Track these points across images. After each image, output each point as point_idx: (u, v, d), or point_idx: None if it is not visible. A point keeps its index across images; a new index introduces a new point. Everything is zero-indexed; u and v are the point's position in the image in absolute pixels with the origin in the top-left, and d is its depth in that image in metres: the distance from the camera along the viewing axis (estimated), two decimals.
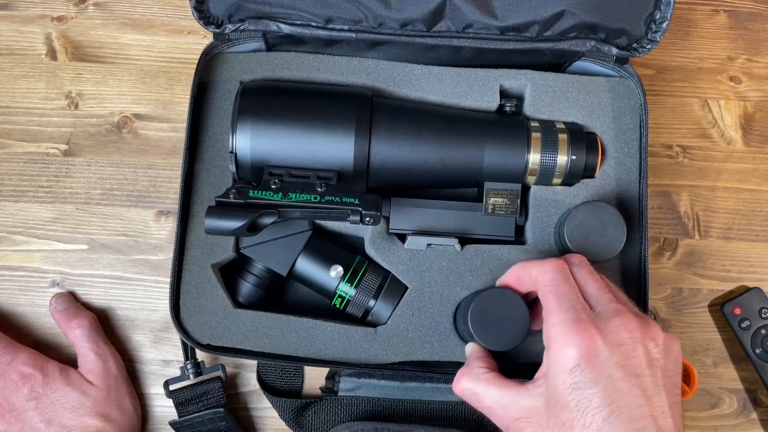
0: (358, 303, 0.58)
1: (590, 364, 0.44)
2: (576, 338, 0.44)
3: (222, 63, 0.61)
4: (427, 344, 0.58)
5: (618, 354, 0.44)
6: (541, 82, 0.61)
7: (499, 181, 0.58)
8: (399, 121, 0.57)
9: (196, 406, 0.59)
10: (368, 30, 0.58)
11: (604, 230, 0.56)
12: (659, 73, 0.71)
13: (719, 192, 0.69)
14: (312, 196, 0.53)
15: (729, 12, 0.73)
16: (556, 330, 0.46)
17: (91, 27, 0.69)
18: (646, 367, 0.44)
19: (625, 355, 0.44)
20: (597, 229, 0.56)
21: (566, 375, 0.44)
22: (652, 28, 0.59)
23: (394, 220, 0.58)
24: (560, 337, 0.45)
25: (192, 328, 0.57)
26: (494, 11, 0.57)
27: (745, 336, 0.64)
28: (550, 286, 0.48)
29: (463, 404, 0.62)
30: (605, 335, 0.44)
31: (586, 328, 0.44)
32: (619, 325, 0.45)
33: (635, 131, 0.61)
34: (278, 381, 0.62)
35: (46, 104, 0.67)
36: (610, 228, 0.56)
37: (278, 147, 0.55)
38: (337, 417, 0.61)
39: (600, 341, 0.44)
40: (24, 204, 0.65)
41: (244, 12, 0.58)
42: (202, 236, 0.58)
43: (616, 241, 0.56)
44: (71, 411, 0.56)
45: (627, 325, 0.45)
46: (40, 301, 0.63)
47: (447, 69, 0.61)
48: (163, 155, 0.66)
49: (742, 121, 0.70)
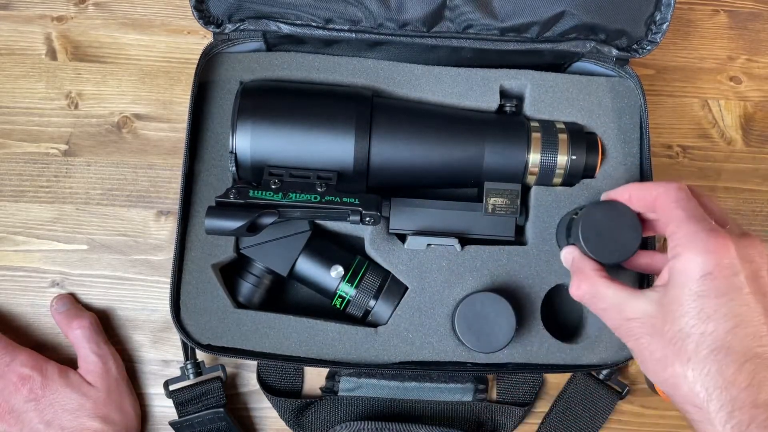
0: (359, 303, 0.58)
1: (722, 273, 0.43)
2: (711, 245, 0.43)
3: (222, 63, 0.61)
4: (427, 344, 0.58)
5: (749, 269, 0.43)
6: (541, 82, 0.61)
7: (499, 181, 0.58)
8: (399, 121, 0.57)
9: (196, 407, 0.59)
10: (368, 30, 0.58)
11: (619, 231, 0.51)
12: (659, 73, 0.71)
13: (719, 192, 0.69)
14: (312, 196, 0.53)
15: (729, 12, 0.73)
16: (689, 238, 0.44)
17: (91, 27, 0.69)
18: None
19: (755, 273, 0.43)
20: (611, 229, 0.51)
21: (695, 282, 0.43)
22: (653, 29, 0.59)
23: (394, 220, 0.58)
24: (693, 245, 0.44)
25: (192, 328, 0.57)
26: (494, 12, 0.57)
27: None
28: (676, 201, 0.46)
29: (463, 404, 0.62)
30: (738, 249, 0.43)
31: (722, 237, 0.43)
32: (749, 244, 0.44)
33: (635, 131, 0.61)
34: (278, 381, 0.62)
35: (46, 104, 0.67)
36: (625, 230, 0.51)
37: (278, 147, 0.55)
38: (337, 417, 0.61)
39: (734, 253, 0.43)
40: (24, 204, 0.65)
41: (244, 12, 0.58)
42: (202, 236, 0.58)
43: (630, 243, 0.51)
44: (71, 412, 0.56)
45: (756, 245, 0.44)
46: (40, 301, 0.63)
47: (447, 69, 0.61)
48: (163, 155, 0.66)
49: (742, 121, 0.70)
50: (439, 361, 0.58)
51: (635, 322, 0.46)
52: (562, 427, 0.62)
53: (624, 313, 0.47)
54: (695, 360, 0.42)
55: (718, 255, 0.43)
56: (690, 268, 0.43)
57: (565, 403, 0.62)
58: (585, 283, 0.50)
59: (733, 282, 0.42)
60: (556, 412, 0.62)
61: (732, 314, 0.42)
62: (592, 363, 0.58)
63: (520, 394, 0.63)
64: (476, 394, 0.62)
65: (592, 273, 0.50)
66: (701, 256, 0.43)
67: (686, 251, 0.44)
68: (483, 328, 0.55)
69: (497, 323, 0.55)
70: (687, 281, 0.43)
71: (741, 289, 0.42)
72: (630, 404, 0.64)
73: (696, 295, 0.43)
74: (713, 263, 0.43)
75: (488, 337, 0.55)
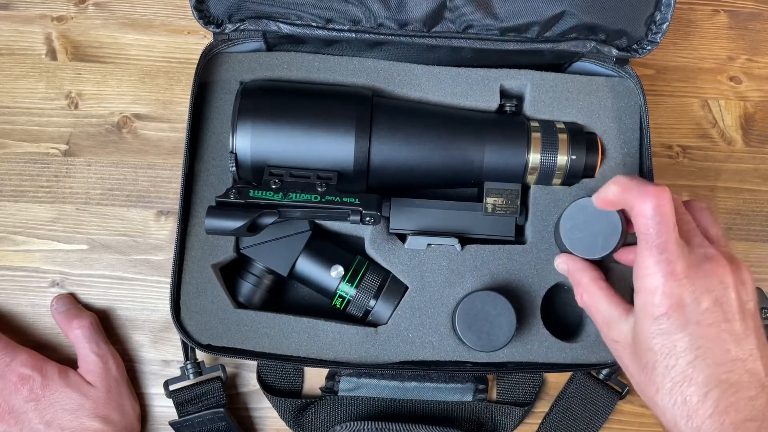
0: (359, 303, 0.58)
1: (678, 312, 0.44)
2: (666, 288, 0.44)
3: (222, 63, 0.61)
4: (427, 344, 0.58)
5: (707, 301, 0.44)
6: (541, 82, 0.61)
7: (499, 181, 0.58)
8: (399, 121, 0.57)
9: (196, 407, 0.59)
10: (368, 30, 0.58)
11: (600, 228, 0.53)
12: (659, 73, 0.71)
13: (719, 192, 0.69)
14: (312, 196, 0.53)
15: (729, 12, 0.73)
16: (645, 273, 0.45)
17: (90, 27, 0.69)
18: (736, 312, 0.44)
19: (715, 301, 0.44)
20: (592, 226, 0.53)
21: (652, 322, 0.44)
22: (653, 29, 0.59)
23: (394, 220, 0.58)
24: (649, 283, 0.45)
25: (192, 329, 0.57)
26: (494, 12, 0.57)
27: None
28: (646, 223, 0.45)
29: (462, 404, 0.62)
30: (695, 282, 0.44)
31: (677, 281, 0.44)
32: (710, 272, 0.44)
33: (635, 131, 0.61)
34: (278, 381, 0.62)
35: (46, 104, 0.67)
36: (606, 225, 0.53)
37: (278, 147, 0.55)
38: (337, 417, 0.61)
39: (689, 291, 0.44)
40: (24, 204, 0.65)
41: (244, 12, 0.58)
42: (202, 236, 0.58)
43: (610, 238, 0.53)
44: (70, 412, 0.56)
45: (718, 270, 0.45)
46: (40, 301, 0.63)
47: (447, 69, 0.61)
48: (163, 155, 0.66)
49: (742, 121, 0.70)
50: (439, 361, 0.58)
51: (618, 344, 0.48)
52: (562, 427, 0.62)
53: (610, 332, 0.49)
54: (662, 391, 0.44)
55: (673, 298, 0.44)
56: (647, 308, 0.45)
57: (565, 403, 0.62)
58: (585, 294, 0.51)
59: (689, 318, 0.44)
60: (556, 412, 0.62)
61: (691, 348, 0.43)
62: (592, 362, 0.58)
63: (520, 394, 0.63)
64: (476, 394, 0.62)
65: (590, 283, 0.51)
66: (657, 298, 0.44)
67: (643, 292, 0.45)
68: (483, 327, 0.55)
69: (498, 322, 0.55)
70: (646, 318, 0.45)
71: (699, 323, 0.44)
72: (630, 404, 0.64)
73: (656, 333, 0.45)
74: (668, 305, 0.44)
75: (489, 335, 0.55)
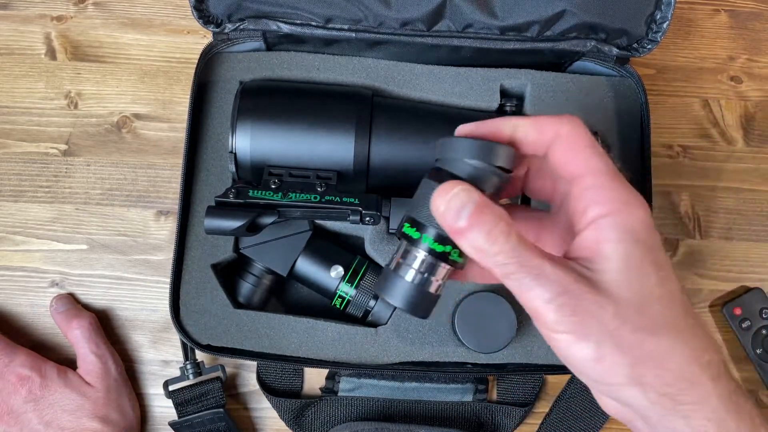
0: (359, 303, 0.58)
1: (649, 239, 0.34)
2: (632, 210, 0.34)
3: (222, 63, 0.61)
4: (427, 344, 0.58)
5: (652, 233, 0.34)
6: (542, 82, 0.61)
7: None
8: (399, 120, 0.57)
9: (195, 407, 0.59)
10: (368, 29, 0.58)
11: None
12: (660, 72, 0.71)
13: (720, 192, 0.69)
14: (312, 196, 0.53)
15: (730, 12, 0.73)
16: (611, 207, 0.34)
17: (90, 27, 0.69)
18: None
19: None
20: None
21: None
22: (653, 28, 0.58)
23: (394, 220, 0.58)
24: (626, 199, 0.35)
25: (192, 329, 0.57)
26: (494, 11, 0.57)
27: (746, 336, 0.64)
28: (590, 146, 0.36)
29: (463, 404, 0.62)
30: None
31: (636, 197, 0.35)
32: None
33: (636, 131, 0.61)
34: (278, 381, 0.62)
35: (46, 104, 0.67)
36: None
37: (278, 147, 0.55)
38: (337, 417, 0.61)
39: (649, 214, 0.34)
40: (24, 204, 0.65)
41: (243, 11, 0.58)
42: (202, 236, 0.58)
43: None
44: (70, 413, 0.56)
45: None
46: (40, 301, 0.63)
47: (447, 69, 0.61)
48: (163, 155, 0.66)
49: (742, 121, 0.70)
50: (439, 361, 0.58)
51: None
52: (562, 427, 0.62)
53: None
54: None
55: (637, 215, 0.34)
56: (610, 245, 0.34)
57: (565, 403, 0.62)
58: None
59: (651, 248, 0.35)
60: (557, 412, 0.62)
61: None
62: None
63: (520, 395, 0.63)
64: (476, 395, 0.62)
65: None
66: (626, 234, 0.34)
67: (609, 227, 0.34)
68: (483, 329, 0.55)
69: (498, 323, 0.55)
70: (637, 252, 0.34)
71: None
72: None
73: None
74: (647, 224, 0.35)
75: (489, 337, 0.55)
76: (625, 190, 0.35)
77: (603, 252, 0.34)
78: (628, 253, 0.34)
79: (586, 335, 0.33)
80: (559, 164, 0.36)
